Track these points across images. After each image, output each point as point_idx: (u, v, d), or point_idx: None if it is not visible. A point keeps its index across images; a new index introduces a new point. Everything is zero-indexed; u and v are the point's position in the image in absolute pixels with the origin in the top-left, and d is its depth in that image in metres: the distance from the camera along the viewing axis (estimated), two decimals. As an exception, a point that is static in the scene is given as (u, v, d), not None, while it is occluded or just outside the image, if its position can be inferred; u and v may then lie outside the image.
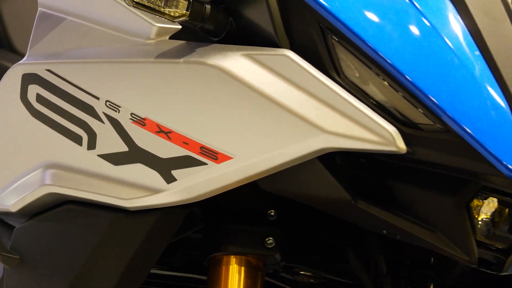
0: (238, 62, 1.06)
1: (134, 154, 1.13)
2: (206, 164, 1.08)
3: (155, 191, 1.11)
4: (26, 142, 1.26)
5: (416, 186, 1.06)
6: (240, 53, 1.06)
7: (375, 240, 1.22)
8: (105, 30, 1.21)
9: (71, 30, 1.27)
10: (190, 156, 1.09)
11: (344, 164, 1.07)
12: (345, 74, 1.04)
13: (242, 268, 1.18)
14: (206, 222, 1.22)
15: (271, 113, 1.04)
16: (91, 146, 1.17)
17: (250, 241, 1.18)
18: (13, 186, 1.27)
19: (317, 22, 1.04)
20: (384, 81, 1.02)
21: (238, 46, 1.08)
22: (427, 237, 1.06)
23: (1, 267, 1.30)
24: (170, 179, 1.10)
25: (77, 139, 1.18)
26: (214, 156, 1.07)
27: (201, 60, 1.08)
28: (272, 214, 1.18)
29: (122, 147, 1.14)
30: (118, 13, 1.18)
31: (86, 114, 1.17)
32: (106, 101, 1.15)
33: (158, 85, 1.12)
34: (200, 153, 1.08)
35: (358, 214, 1.06)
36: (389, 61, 1.01)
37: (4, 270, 1.27)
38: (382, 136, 1.01)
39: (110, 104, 1.15)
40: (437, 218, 1.05)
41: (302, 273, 1.27)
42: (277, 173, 1.06)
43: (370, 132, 1.01)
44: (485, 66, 1.03)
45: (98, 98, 1.16)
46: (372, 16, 1.03)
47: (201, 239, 1.24)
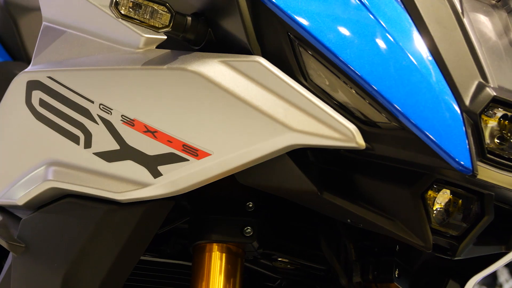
0: (215, 68, 1.05)
1: (125, 152, 1.12)
2: (188, 160, 1.07)
3: (144, 185, 1.11)
4: (30, 142, 1.26)
5: (376, 179, 1.05)
6: (217, 60, 1.06)
7: (345, 229, 1.21)
8: (99, 41, 1.21)
9: (70, 41, 1.27)
10: (174, 153, 1.08)
11: (315, 160, 1.07)
12: (311, 78, 1.03)
13: (224, 254, 1.17)
14: (192, 213, 1.21)
15: (245, 113, 1.03)
16: (87, 145, 1.16)
17: (230, 230, 1.17)
18: (20, 182, 1.27)
19: (286, 31, 1.03)
20: (345, 84, 1.02)
21: (216, 53, 1.07)
22: (387, 225, 1.05)
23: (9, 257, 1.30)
24: (156, 174, 1.10)
25: (75, 139, 1.18)
26: (195, 152, 1.07)
27: (182, 66, 1.08)
28: (250, 206, 1.17)
29: (114, 146, 1.13)
30: (110, 25, 1.17)
31: (82, 116, 1.17)
32: (100, 104, 1.15)
33: (145, 89, 1.12)
34: (182, 150, 1.08)
35: (324, 205, 1.06)
36: (350, 66, 1.01)
37: (12, 257, 1.26)
38: (343, 133, 1.00)
39: (103, 107, 1.15)
40: (395, 208, 1.04)
41: (279, 259, 1.26)
42: (251, 168, 1.05)
43: (333, 130, 1.00)
44: (437, 70, 1.02)
45: (92, 102, 1.16)
46: (334, 25, 1.03)
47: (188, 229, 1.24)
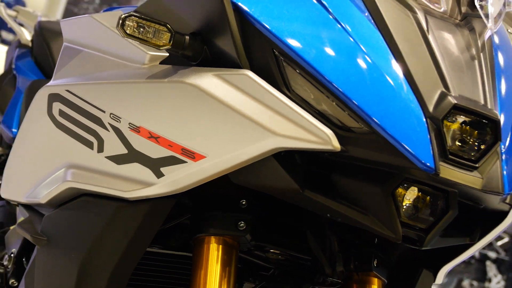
0: (210, 81, 1.05)
1: (132, 155, 1.12)
2: (186, 162, 1.07)
3: (148, 185, 1.10)
4: (51, 148, 1.27)
5: (352, 178, 1.05)
6: (211, 73, 1.06)
7: (329, 224, 1.20)
8: (110, 58, 1.21)
9: (86, 59, 1.27)
10: (174, 156, 1.08)
11: (301, 161, 1.06)
12: (293, 89, 1.03)
13: (220, 246, 1.16)
14: (193, 210, 1.21)
15: (235, 120, 1.03)
16: (100, 149, 1.16)
17: (226, 224, 1.16)
18: (43, 183, 1.27)
19: (271, 48, 1.03)
20: (323, 94, 1.02)
21: (210, 68, 1.07)
22: (362, 219, 1.05)
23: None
24: (159, 175, 1.09)
25: (89, 144, 1.18)
26: (192, 155, 1.07)
27: (181, 80, 1.08)
28: (243, 203, 1.17)
29: (123, 150, 1.13)
30: (119, 44, 1.18)
31: (95, 124, 1.17)
32: (110, 113, 1.15)
33: (149, 100, 1.12)
34: (181, 153, 1.07)
35: (306, 201, 1.05)
36: (327, 78, 1.01)
37: (36, 249, 1.27)
38: (321, 137, 1.00)
39: (113, 116, 1.15)
40: (369, 203, 1.04)
41: (271, 251, 1.26)
42: (242, 168, 1.05)
43: (312, 134, 1.00)
44: (405, 81, 1.02)
45: (104, 111, 1.16)
46: (313, 43, 1.03)
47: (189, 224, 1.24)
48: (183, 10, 1.11)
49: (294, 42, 1.02)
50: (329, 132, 1.00)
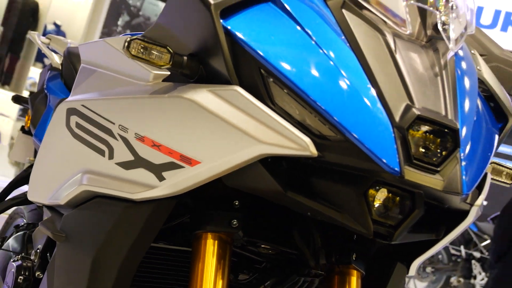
0: (204, 96, 1.06)
1: (138, 162, 1.13)
2: (184, 167, 1.08)
3: (152, 187, 1.11)
4: (69, 156, 1.28)
5: (329, 180, 1.05)
6: (206, 89, 1.07)
7: (313, 222, 1.20)
8: (119, 77, 1.23)
9: (99, 78, 1.29)
10: (174, 162, 1.09)
11: (287, 166, 1.06)
12: (276, 103, 1.04)
13: (216, 241, 1.17)
14: (193, 210, 1.21)
15: (225, 130, 1.04)
16: (111, 157, 1.17)
17: (221, 222, 1.16)
18: (62, 187, 1.28)
19: (258, 67, 1.04)
20: (303, 106, 1.02)
21: (205, 84, 1.08)
22: (338, 217, 1.05)
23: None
24: (161, 178, 1.10)
25: (101, 152, 1.19)
26: (189, 161, 1.07)
27: (180, 95, 1.09)
28: (236, 203, 1.17)
29: (130, 157, 1.14)
30: (127, 64, 1.19)
31: (106, 134, 1.18)
32: (119, 125, 1.16)
33: (153, 113, 1.13)
34: (180, 159, 1.08)
35: (288, 201, 1.06)
36: (306, 93, 1.02)
37: (56, 244, 1.29)
38: (300, 144, 1.01)
39: (121, 127, 1.16)
40: (344, 203, 1.04)
41: (262, 246, 1.26)
42: (233, 172, 1.05)
43: (292, 142, 1.01)
44: (374, 95, 1.02)
45: (114, 123, 1.17)
46: (294, 62, 1.03)
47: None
48: (182, 34, 1.12)
49: (278, 62, 1.03)
50: (307, 140, 1.01)
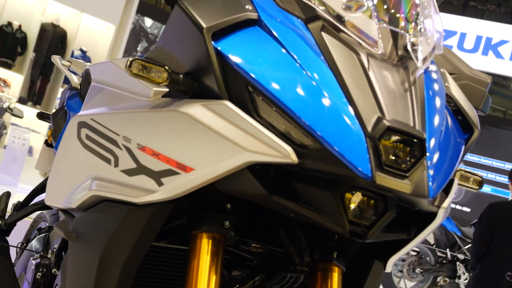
0: (198, 110, 1.07)
1: (140, 169, 1.13)
2: (180, 173, 1.08)
3: (152, 192, 1.11)
4: (80, 164, 1.28)
5: (309, 185, 1.05)
6: (199, 104, 1.07)
7: (298, 223, 1.20)
8: (124, 93, 1.23)
9: (106, 94, 1.30)
10: (171, 169, 1.09)
11: (274, 172, 1.06)
12: (262, 115, 1.04)
13: (210, 241, 1.17)
14: (190, 212, 1.21)
15: (216, 140, 1.05)
16: (116, 165, 1.17)
17: (214, 224, 1.17)
18: (74, 192, 1.29)
19: (245, 84, 1.05)
20: (285, 119, 1.03)
21: (199, 99, 1.09)
22: (317, 218, 1.05)
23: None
24: (160, 184, 1.10)
25: (108, 161, 1.19)
26: (184, 168, 1.07)
27: (176, 109, 1.09)
28: (228, 206, 1.17)
29: (132, 165, 1.14)
30: (131, 82, 1.20)
31: (112, 145, 1.19)
32: (123, 136, 1.17)
33: (152, 125, 1.13)
34: (176, 166, 1.08)
35: (273, 204, 1.05)
36: (288, 107, 1.02)
37: (68, 243, 1.29)
38: (282, 153, 1.01)
39: (125, 138, 1.16)
40: (322, 205, 1.04)
41: (253, 245, 1.26)
42: (224, 178, 1.05)
43: (276, 150, 1.01)
44: (349, 108, 1.03)
45: (118, 135, 1.18)
46: (278, 79, 1.04)
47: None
48: (178, 55, 1.13)
49: (263, 80, 1.03)
50: (289, 148, 1.01)
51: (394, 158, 1.02)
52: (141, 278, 1.31)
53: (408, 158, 1.03)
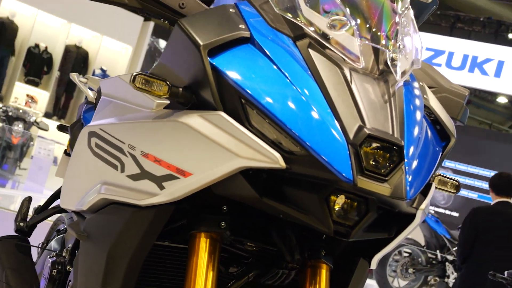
0: (195, 120, 1.07)
1: (143, 174, 1.13)
2: (179, 178, 1.08)
3: (154, 195, 1.11)
4: (90, 170, 1.28)
5: (297, 188, 1.05)
6: (197, 114, 1.08)
7: (289, 223, 1.19)
8: (130, 105, 1.24)
9: (114, 106, 1.30)
10: (171, 174, 1.09)
11: (266, 176, 1.07)
12: (253, 124, 1.04)
13: (208, 240, 1.16)
14: (190, 214, 1.21)
15: (212, 147, 1.05)
16: (122, 170, 1.17)
17: (212, 224, 1.16)
18: (85, 196, 1.29)
19: (238, 96, 1.05)
20: (274, 128, 1.03)
21: (196, 110, 1.09)
22: (304, 218, 1.05)
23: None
24: (162, 188, 1.10)
25: (115, 167, 1.19)
26: (183, 173, 1.08)
27: (176, 119, 1.10)
28: (224, 208, 1.17)
29: (137, 170, 1.14)
30: (136, 96, 1.20)
31: (119, 152, 1.19)
32: (128, 144, 1.17)
33: (155, 134, 1.13)
34: (176, 171, 1.08)
35: (264, 206, 1.06)
36: (278, 117, 1.02)
37: (80, 242, 1.29)
38: (271, 159, 1.02)
39: (130, 146, 1.16)
40: (309, 207, 1.04)
41: (247, 244, 1.26)
42: (219, 182, 1.06)
43: (265, 156, 1.02)
44: (332, 118, 1.03)
45: (124, 143, 1.18)
46: (268, 92, 1.04)
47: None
48: (178, 70, 1.14)
49: (254, 92, 1.04)
50: (277, 155, 1.02)
51: (374, 163, 1.02)
52: (145, 274, 1.30)
53: (387, 164, 1.03)
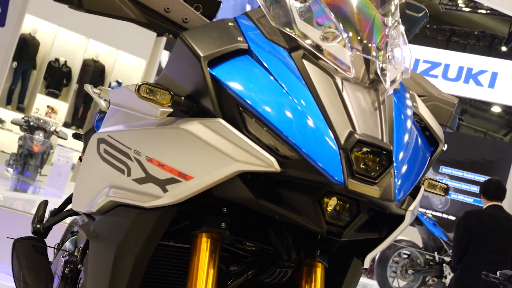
0: (196, 126, 1.08)
1: (148, 178, 1.14)
2: (181, 181, 1.08)
3: (158, 197, 1.11)
4: (99, 174, 1.29)
5: (292, 190, 1.05)
6: (197, 121, 1.08)
7: (285, 224, 1.19)
8: (136, 114, 1.24)
9: (121, 114, 1.31)
10: (174, 177, 1.09)
11: (264, 179, 1.06)
12: (250, 130, 1.05)
13: (209, 240, 1.16)
14: (192, 215, 1.21)
15: (211, 152, 1.05)
16: (129, 174, 1.18)
17: (212, 225, 1.16)
18: (95, 199, 1.29)
19: (236, 104, 1.05)
20: (269, 133, 1.03)
21: (197, 118, 1.09)
22: (298, 219, 1.05)
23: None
24: (165, 190, 1.10)
25: (122, 171, 1.20)
26: (185, 177, 1.08)
27: (178, 126, 1.10)
28: (224, 210, 1.17)
29: (142, 174, 1.15)
30: (142, 104, 1.21)
31: (125, 157, 1.19)
32: (134, 150, 1.17)
33: (158, 140, 1.14)
34: (178, 175, 1.09)
35: (260, 207, 1.06)
36: (273, 124, 1.03)
37: (89, 242, 1.29)
38: (267, 163, 1.02)
39: (136, 151, 1.17)
40: (303, 208, 1.04)
41: (247, 244, 1.25)
42: (219, 184, 1.06)
43: (261, 161, 1.02)
44: (325, 124, 1.03)
45: (130, 148, 1.18)
46: (264, 101, 1.04)
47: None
48: (180, 80, 1.14)
49: (251, 100, 1.04)
50: (272, 159, 1.02)
51: (364, 167, 1.02)
52: (150, 271, 1.30)
53: (377, 167, 1.03)
